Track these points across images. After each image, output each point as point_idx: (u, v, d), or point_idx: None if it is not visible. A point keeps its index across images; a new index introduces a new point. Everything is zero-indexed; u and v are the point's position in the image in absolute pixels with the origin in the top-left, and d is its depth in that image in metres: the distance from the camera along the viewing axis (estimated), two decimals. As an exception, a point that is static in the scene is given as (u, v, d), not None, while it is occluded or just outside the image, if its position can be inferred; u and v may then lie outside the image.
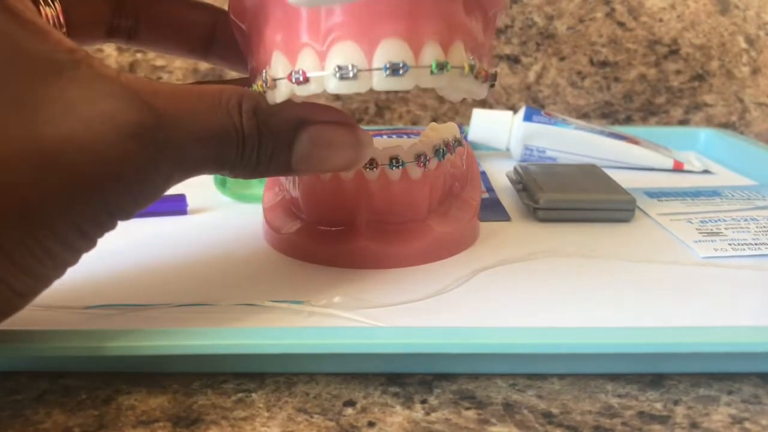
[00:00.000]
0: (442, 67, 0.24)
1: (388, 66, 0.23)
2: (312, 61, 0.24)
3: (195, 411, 0.22)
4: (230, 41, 0.30)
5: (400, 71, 0.23)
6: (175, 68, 0.60)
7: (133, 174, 0.21)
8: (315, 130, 0.25)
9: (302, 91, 0.24)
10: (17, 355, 0.23)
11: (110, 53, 0.60)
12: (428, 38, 0.24)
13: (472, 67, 0.25)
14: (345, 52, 0.24)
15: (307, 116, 0.24)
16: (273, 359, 0.24)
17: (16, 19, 0.19)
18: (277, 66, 0.25)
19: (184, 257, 0.32)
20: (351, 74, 0.23)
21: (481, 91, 0.27)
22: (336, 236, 0.31)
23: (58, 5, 0.27)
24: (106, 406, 0.22)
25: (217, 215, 0.39)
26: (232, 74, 0.55)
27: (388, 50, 0.23)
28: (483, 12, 0.27)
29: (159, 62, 0.60)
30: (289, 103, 0.25)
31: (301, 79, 0.24)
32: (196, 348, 0.22)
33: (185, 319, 0.26)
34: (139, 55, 0.60)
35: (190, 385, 0.23)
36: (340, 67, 0.23)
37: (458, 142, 0.33)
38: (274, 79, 0.25)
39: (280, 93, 0.25)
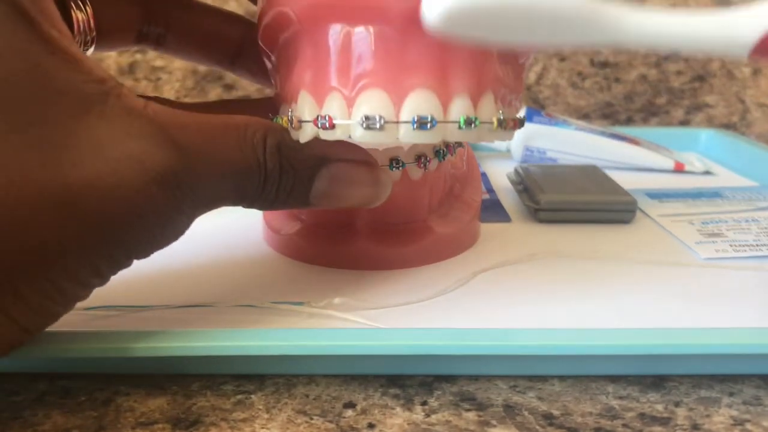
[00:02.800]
0: (470, 123, 0.24)
1: (415, 119, 0.23)
2: (339, 107, 0.24)
3: (194, 412, 0.22)
4: (257, 55, 0.30)
5: (428, 126, 0.23)
6: (174, 69, 0.60)
7: (156, 218, 0.21)
8: (336, 168, 0.25)
9: (327, 136, 0.24)
10: (16, 356, 0.23)
11: (109, 54, 0.60)
12: (458, 91, 0.24)
13: (500, 122, 0.24)
14: (373, 101, 0.23)
15: (329, 153, 0.25)
16: (272, 360, 0.23)
17: (49, 47, 0.19)
18: (304, 107, 0.25)
19: (183, 258, 0.32)
20: (377, 125, 0.23)
21: (509, 137, 0.26)
22: (336, 237, 0.31)
23: (89, 9, 0.27)
24: (105, 408, 0.22)
25: (216, 215, 0.38)
26: (232, 75, 0.55)
27: (417, 102, 0.23)
28: (515, 59, 0.27)
29: (158, 63, 0.60)
30: (313, 140, 0.25)
31: (327, 125, 0.24)
32: (195, 349, 0.22)
33: (185, 320, 0.26)
34: (138, 56, 0.60)
35: (189, 387, 0.23)
36: (367, 117, 0.23)
37: (458, 143, 0.33)
38: (300, 121, 0.25)
39: (305, 134, 0.25)
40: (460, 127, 0.24)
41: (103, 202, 0.20)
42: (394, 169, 0.30)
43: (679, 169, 0.49)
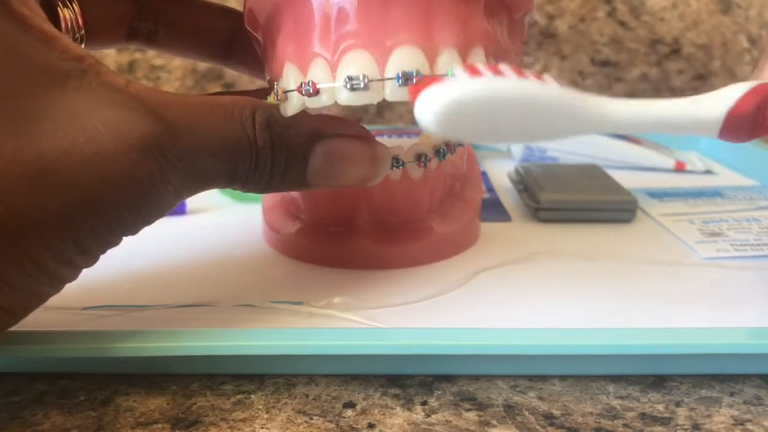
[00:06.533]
0: None
1: (400, 75, 0.22)
2: (323, 72, 0.23)
3: (194, 412, 0.22)
4: (251, 47, 0.30)
5: (414, 80, 0.22)
6: (174, 68, 0.60)
7: (139, 189, 0.20)
8: (331, 144, 0.24)
9: (313, 103, 0.24)
10: (15, 356, 0.23)
11: (109, 53, 0.59)
12: (445, 45, 0.23)
13: None
14: (356, 62, 0.23)
15: (322, 129, 0.24)
16: (272, 360, 0.23)
17: (21, 24, 0.19)
18: (288, 77, 0.24)
19: (183, 258, 0.32)
20: (362, 85, 0.22)
21: None
22: (336, 236, 0.31)
23: (76, 7, 0.26)
24: (105, 408, 0.22)
25: (216, 215, 0.39)
26: (232, 73, 0.55)
27: (402, 59, 0.22)
28: (508, 14, 0.26)
29: (158, 62, 0.60)
30: (304, 115, 0.24)
31: (311, 90, 0.23)
32: (194, 349, 0.22)
33: (184, 319, 0.26)
34: (138, 55, 0.60)
35: (189, 387, 0.23)
36: (350, 78, 0.22)
37: (459, 143, 0.33)
38: (285, 92, 0.24)
39: (292, 105, 0.24)
40: None
41: (80, 171, 0.19)
42: (394, 168, 0.29)
43: (679, 168, 0.49)
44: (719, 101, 0.21)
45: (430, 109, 0.19)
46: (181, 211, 0.38)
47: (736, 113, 0.20)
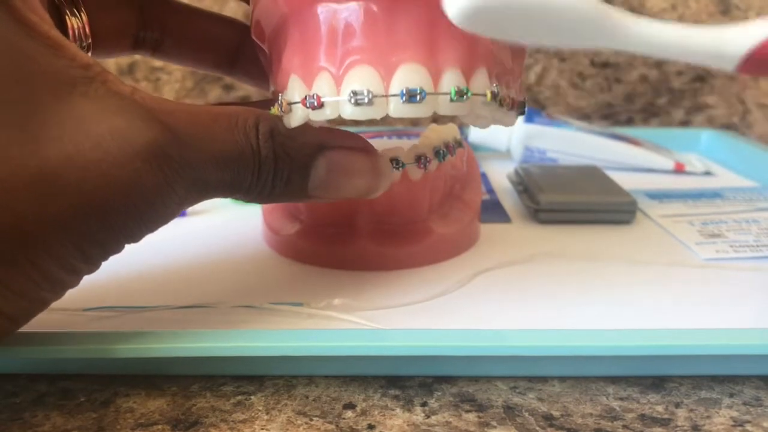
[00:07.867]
0: (462, 94, 0.23)
1: (404, 92, 0.23)
2: (328, 86, 0.23)
3: (194, 414, 0.22)
4: (256, 58, 0.30)
5: (417, 98, 0.23)
6: (174, 69, 0.60)
7: (144, 196, 0.20)
8: (333, 156, 0.24)
9: (317, 116, 0.24)
10: (15, 357, 0.23)
11: (110, 54, 0.59)
12: (449, 65, 0.23)
13: (494, 95, 0.24)
14: (361, 77, 0.23)
15: (325, 141, 0.24)
16: (272, 361, 0.23)
17: (29, 31, 0.19)
18: (293, 90, 0.24)
19: (183, 259, 0.32)
20: (366, 100, 0.23)
21: (509, 119, 0.26)
22: (336, 238, 0.31)
23: (84, 16, 0.26)
24: (105, 409, 0.22)
25: (216, 217, 0.39)
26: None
27: (406, 76, 0.23)
28: None
29: (158, 63, 0.60)
30: (307, 127, 0.24)
31: (316, 103, 0.23)
32: (194, 350, 0.22)
33: (184, 321, 0.26)
34: (137, 56, 0.60)
35: (188, 388, 0.23)
36: (354, 93, 0.23)
37: (458, 144, 0.33)
38: (290, 103, 0.24)
39: (296, 117, 0.24)
40: (451, 99, 0.23)
41: (84, 177, 0.19)
42: (394, 169, 0.30)
43: (679, 169, 0.49)
44: (744, 36, 0.21)
45: (453, 7, 0.19)
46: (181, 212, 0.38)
47: (760, 55, 0.20)
